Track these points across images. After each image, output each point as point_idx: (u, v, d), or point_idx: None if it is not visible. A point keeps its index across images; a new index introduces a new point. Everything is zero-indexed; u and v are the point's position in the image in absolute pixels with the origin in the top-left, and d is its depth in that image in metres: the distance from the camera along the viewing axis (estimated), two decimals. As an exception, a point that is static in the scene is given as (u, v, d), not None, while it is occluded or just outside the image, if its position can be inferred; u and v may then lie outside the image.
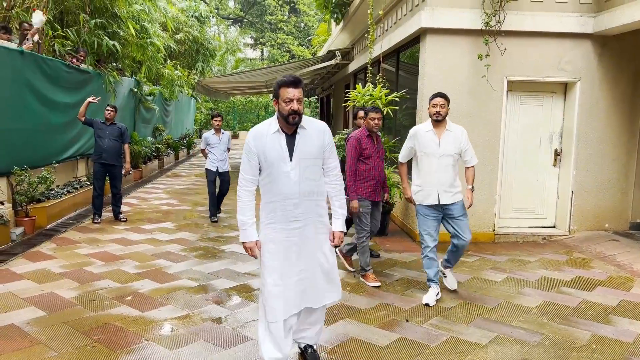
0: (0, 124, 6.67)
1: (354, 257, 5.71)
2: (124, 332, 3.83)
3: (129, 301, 4.48)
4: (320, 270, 3.14)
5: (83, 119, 7.49)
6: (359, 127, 5.62)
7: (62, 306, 4.33)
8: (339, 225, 3.18)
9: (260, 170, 3.05)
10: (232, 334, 3.84)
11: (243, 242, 3.07)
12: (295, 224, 3.04)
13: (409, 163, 4.90)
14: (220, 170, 7.85)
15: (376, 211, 5.20)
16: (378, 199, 5.13)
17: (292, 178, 2.98)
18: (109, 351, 3.52)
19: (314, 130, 3.06)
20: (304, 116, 3.03)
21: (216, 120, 7.88)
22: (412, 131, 4.67)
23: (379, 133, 5.29)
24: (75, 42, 9.49)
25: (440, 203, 4.48)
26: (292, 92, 2.93)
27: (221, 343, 3.69)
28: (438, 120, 4.46)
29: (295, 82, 2.95)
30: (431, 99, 4.51)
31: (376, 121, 4.96)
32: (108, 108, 7.64)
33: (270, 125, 3.03)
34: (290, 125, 2.98)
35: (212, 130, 7.93)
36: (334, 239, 3.17)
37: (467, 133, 4.58)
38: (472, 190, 4.60)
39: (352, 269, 5.43)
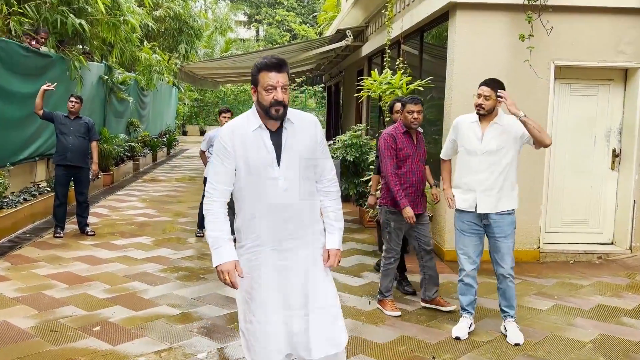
0: (-55, 119, 6.73)
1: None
2: (91, 370, 3.83)
3: (97, 332, 4.48)
4: (319, 307, 2.98)
5: (41, 112, 7.53)
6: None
7: (16, 338, 4.34)
8: (335, 241, 3.06)
9: (235, 177, 2.93)
10: (222, 373, 3.83)
11: (217, 266, 2.87)
12: (287, 244, 2.93)
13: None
14: None
15: (420, 225, 5.10)
16: (420, 210, 5.03)
17: (281, 186, 2.88)
18: (72, 393, 3.52)
19: (304, 125, 2.97)
20: (289, 108, 2.93)
21: (225, 117, 7.47)
22: (455, 122, 4.65)
23: (420, 130, 5.20)
24: (34, 20, 9.55)
25: (478, 211, 4.44)
26: (275, 78, 2.81)
27: (208, 384, 3.68)
28: (481, 114, 4.42)
29: (278, 65, 2.82)
30: (478, 87, 4.45)
31: (415, 115, 4.90)
32: (72, 99, 7.68)
33: (249, 120, 2.92)
34: (273, 120, 2.88)
35: (220, 128, 7.73)
36: (328, 258, 3.04)
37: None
38: (520, 116, 4.21)
39: (447, 308, 5.09)
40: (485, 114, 4.39)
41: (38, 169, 9.76)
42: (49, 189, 9.24)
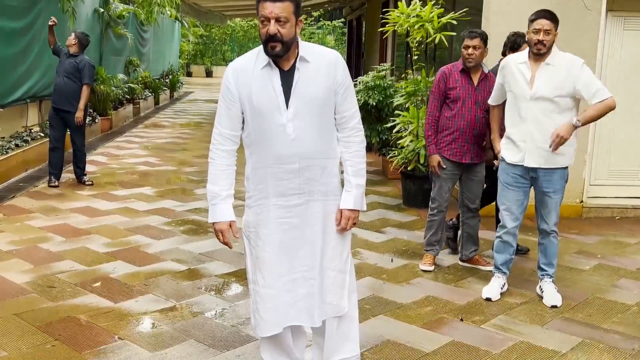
0: None
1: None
2: (91, 328, 3.93)
3: (97, 288, 4.58)
4: (330, 270, 3.00)
5: (52, 47, 7.89)
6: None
7: (12, 294, 4.45)
8: (350, 201, 2.99)
9: (243, 122, 2.91)
10: (231, 333, 3.91)
11: (213, 223, 2.97)
12: (294, 199, 2.91)
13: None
14: None
15: (468, 179, 5.02)
16: (466, 160, 4.91)
17: (290, 133, 2.83)
18: (71, 351, 3.62)
19: (322, 64, 2.88)
20: (306, 43, 2.88)
21: None
22: (502, 62, 4.52)
23: (485, 69, 4.97)
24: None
25: (526, 165, 4.35)
26: (269, 8, 2.69)
27: (217, 344, 3.76)
28: (540, 54, 4.24)
29: None
30: (532, 20, 4.24)
31: (470, 50, 4.76)
32: (72, 35, 7.75)
33: (258, 57, 2.84)
34: (273, 57, 2.79)
35: None
36: (340, 220, 3.00)
37: (583, 62, 4.24)
38: (575, 126, 4.18)
39: (487, 268, 5.06)
40: (544, 53, 4.23)
41: (30, 112, 9.81)
42: (42, 134, 9.32)
